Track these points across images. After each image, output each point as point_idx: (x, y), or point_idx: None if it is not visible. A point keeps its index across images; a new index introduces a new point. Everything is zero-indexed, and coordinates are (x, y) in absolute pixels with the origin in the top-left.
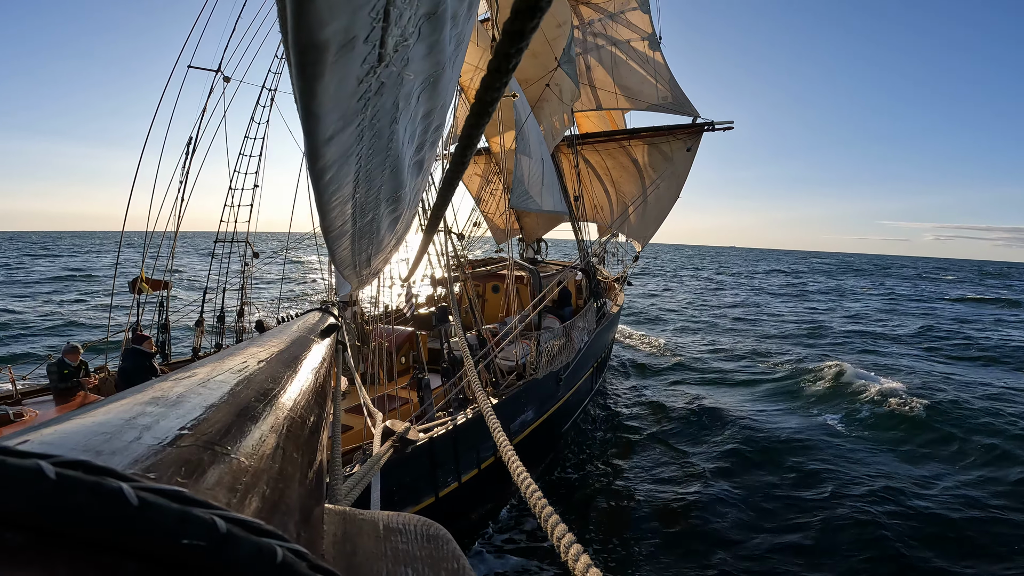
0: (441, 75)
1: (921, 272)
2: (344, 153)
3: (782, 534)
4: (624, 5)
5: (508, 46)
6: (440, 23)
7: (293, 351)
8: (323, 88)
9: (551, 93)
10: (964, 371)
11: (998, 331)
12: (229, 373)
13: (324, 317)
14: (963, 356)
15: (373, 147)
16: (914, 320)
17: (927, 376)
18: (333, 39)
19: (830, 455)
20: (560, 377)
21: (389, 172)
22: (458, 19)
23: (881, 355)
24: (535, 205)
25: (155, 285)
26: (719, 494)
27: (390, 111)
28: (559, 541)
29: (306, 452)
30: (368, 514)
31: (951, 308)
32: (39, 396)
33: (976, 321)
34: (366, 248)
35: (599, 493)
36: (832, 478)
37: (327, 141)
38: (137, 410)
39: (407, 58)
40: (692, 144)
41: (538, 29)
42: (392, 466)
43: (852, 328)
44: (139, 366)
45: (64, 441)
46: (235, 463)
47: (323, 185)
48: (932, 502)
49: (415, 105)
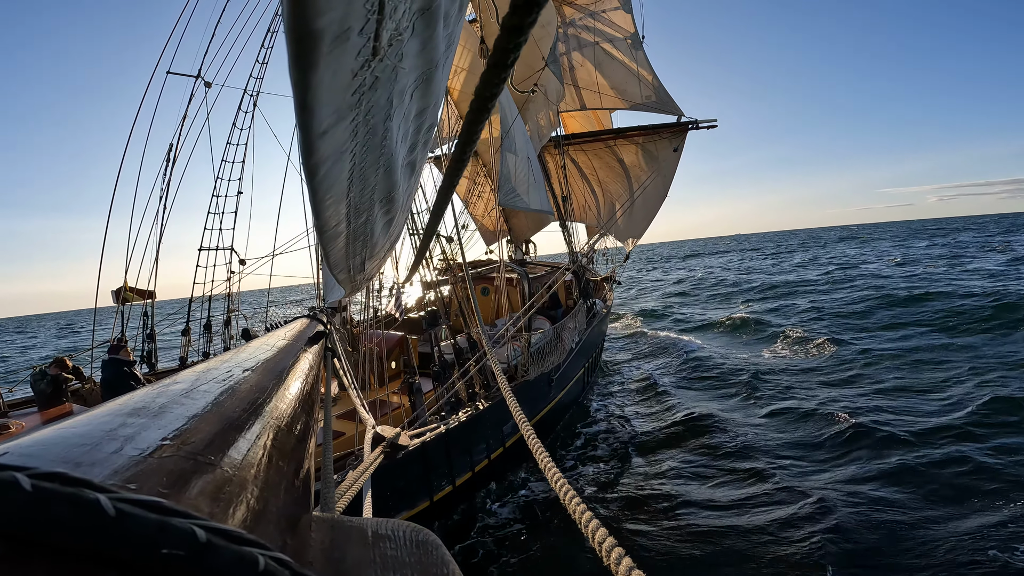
0: (434, 73)
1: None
2: (338, 149)
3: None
4: (607, 5)
5: (507, 41)
6: (433, 20)
7: (279, 359)
8: (318, 79)
9: (537, 93)
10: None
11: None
12: (213, 383)
13: (312, 324)
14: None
15: (367, 144)
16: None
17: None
18: (328, 29)
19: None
20: (552, 378)
21: (383, 171)
22: (450, 19)
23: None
24: (523, 203)
25: (140, 294)
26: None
27: (384, 107)
28: (600, 545)
29: (292, 460)
30: (357, 521)
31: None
32: (25, 408)
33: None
34: (360, 251)
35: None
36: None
37: (321, 135)
38: (119, 421)
39: (401, 53)
40: (678, 143)
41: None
42: (386, 471)
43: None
44: (119, 374)
45: (43, 452)
46: (218, 473)
47: (317, 182)
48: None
49: (408, 103)
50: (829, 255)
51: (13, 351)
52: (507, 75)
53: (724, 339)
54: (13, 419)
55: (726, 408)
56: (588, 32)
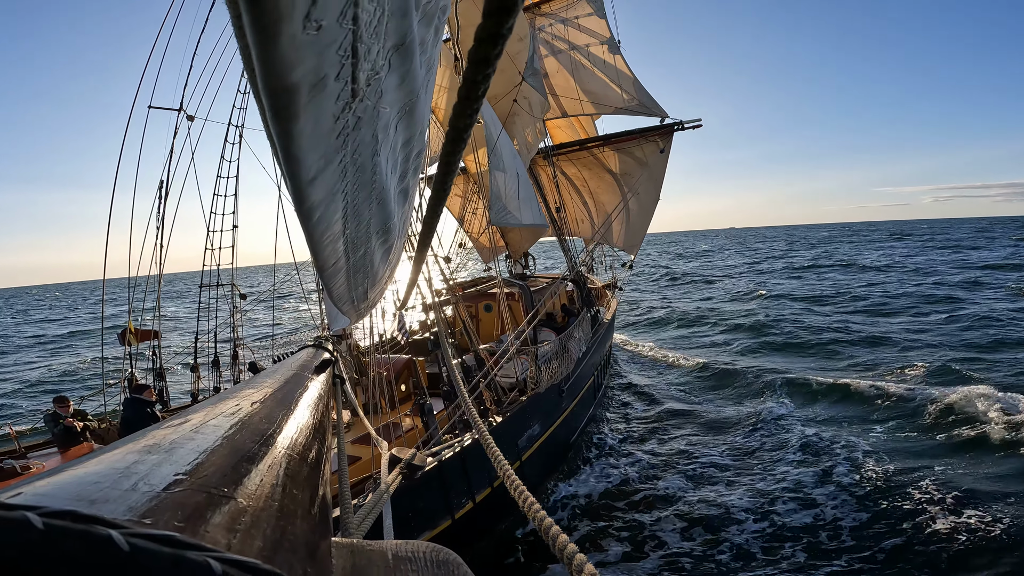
0: (416, 103)
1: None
2: (329, 191)
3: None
4: (580, 11)
5: (475, 73)
6: (409, 53)
7: (287, 389)
8: (300, 130)
9: (520, 107)
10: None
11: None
12: (223, 417)
13: (318, 353)
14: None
15: (358, 182)
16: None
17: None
18: (304, 80)
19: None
20: (562, 389)
21: (376, 205)
22: (426, 45)
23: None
24: (515, 220)
25: (143, 336)
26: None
27: (370, 144)
28: (570, 560)
29: (307, 487)
30: (376, 544)
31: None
32: (44, 448)
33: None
34: (362, 282)
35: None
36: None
37: (311, 182)
38: (132, 458)
39: (380, 90)
40: (665, 145)
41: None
42: (405, 493)
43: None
44: (140, 415)
45: (57, 492)
46: (233, 505)
47: (312, 225)
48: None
49: (394, 135)
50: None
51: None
52: (479, 105)
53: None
54: (33, 459)
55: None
56: (562, 39)
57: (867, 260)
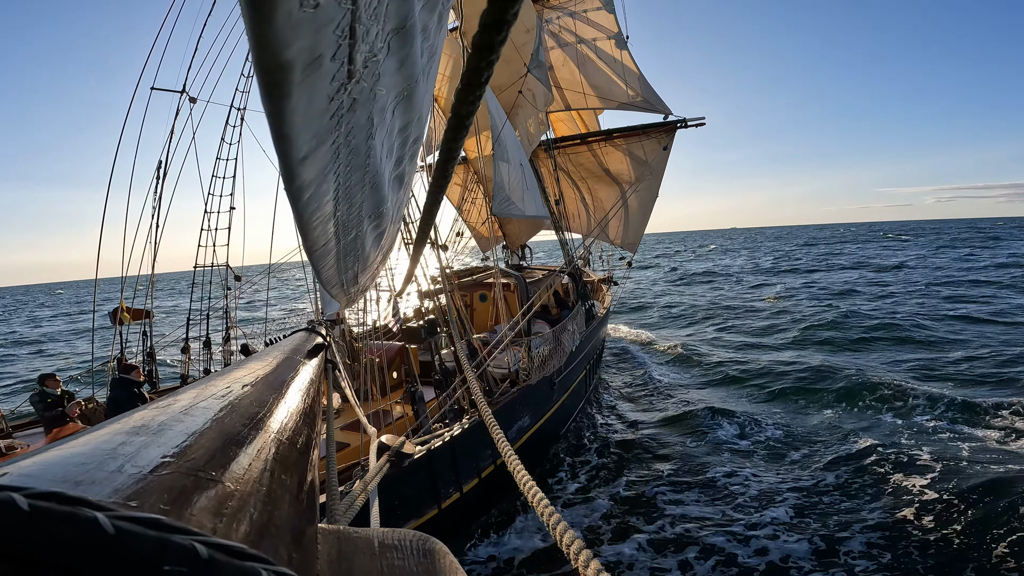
0: (415, 88)
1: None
2: (321, 172)
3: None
4: (588, 5)
5: (478, 60)
6: (410, 37)
7: (279, 373)
8: (292, 108)
9: (524, 99)
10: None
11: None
12: (213, 399)
13: (311, 337)
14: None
15: (351, 164)
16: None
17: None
18: (298, 58)
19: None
20: (554, 381)
21: (369, 188)
22: (429, 31)
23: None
24: (517, 211)
25: (136, 315)
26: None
27: (365, 127)
28: (568, 548)
29: (295, 473)
30: (363, 532)
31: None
32: (29, 428)
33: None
34: (352, 266)
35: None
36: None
37: (301, 161)
38: (119, 439)
39: (378, 73)
40: (667, 143)
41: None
42: (392, 480)
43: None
44: (128, 395)
45: (43, 473)
46: (220, 488)
47: (302, 205)
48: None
49: (391, 119)
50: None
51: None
52: (482, 92)
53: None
54: (18, 440)
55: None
56: (570, 32)
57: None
